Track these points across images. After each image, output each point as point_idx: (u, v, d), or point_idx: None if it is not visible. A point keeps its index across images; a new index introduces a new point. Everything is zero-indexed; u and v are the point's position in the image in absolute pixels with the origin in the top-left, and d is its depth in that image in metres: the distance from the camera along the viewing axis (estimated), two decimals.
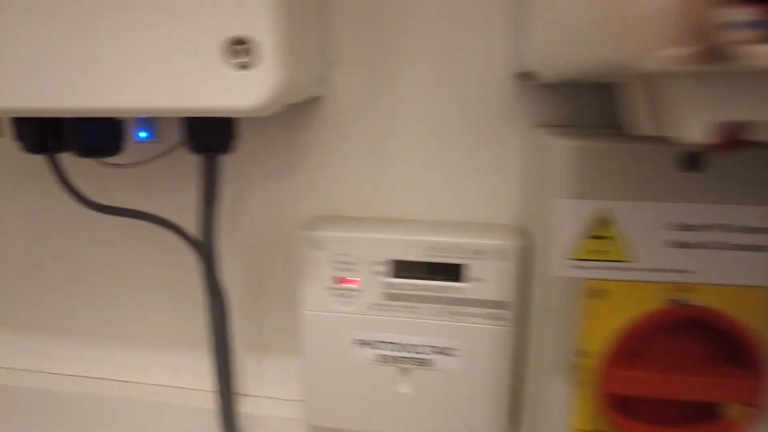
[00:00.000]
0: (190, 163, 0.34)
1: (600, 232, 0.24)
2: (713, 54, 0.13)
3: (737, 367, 0.23)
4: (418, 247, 0.32)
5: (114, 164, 0.32)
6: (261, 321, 0.39)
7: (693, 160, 0.23)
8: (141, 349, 0.41)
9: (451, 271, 0.32)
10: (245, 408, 0.39)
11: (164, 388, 0.41)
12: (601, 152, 0.23)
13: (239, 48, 0.22)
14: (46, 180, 0.36)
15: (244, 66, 0.22)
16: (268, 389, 0.40)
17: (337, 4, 0.32)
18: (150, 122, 0.32)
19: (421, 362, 0.33)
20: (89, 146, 0.29)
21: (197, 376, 0.41)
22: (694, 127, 0.15)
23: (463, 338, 0.32)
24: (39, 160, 0.30)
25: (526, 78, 0.31)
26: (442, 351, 0.33)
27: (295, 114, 0.34)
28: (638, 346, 0.24)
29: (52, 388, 0.42)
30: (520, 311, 0.32)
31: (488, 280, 0.31)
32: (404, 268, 0.32)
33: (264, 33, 0.22)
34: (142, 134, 0.32)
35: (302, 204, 0.36)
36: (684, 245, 0.23)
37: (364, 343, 0.33)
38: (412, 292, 0.32)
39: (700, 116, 0.15)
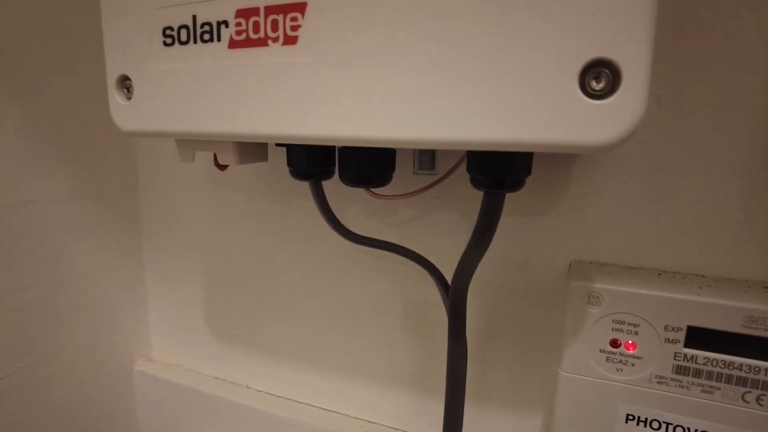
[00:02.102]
0: (467, 199, 0.32)
1: None
2: None
3: None
4: (731, 314, 0.26)
5: (384, 195, 0.31)
6: (492, 369, 0.35)
7: None
8: (371, 386, 0.39)
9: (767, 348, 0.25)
10: None
11: (372, 424, 0.39)
12: None
13: (597, 73, 0.19)
14: (284, 201, 0.36)
15: (599, 95, 0.19)
16: None
17: None
18: (433, 153, 0.29)
19: None
20: (362, 175, 0.27)
21: (406, 416, 0.38)
22: None
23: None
24: (298, 185, 0.29)
25: None
26: None
27: None
28: None
29: (255, 405, 0.42)
30: None
31: None
32: (706, 338, 0.26)
33: (630, 56, 0.18)
34: (427, 167, 0.30)
35: (558, 245, 0.32)
36: None
37: (639, 421, 0.28)
38: (712, 368, 0.26)
39: None
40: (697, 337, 0.26)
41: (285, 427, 0.40)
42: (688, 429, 0.27)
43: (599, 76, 0.19)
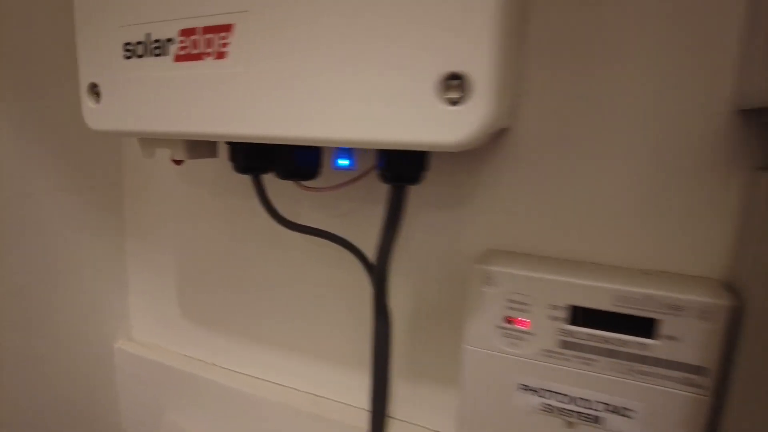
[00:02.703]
0: (380, 190, 0.36)
1: None
2: None
3: None
4: (605, 294, 0.29)
5: (310, 187, 0.35)
6: (422, 348, 0.39)
7: None
8: (307, 359, 0.44)
9: (640, 326, 0.29)
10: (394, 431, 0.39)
11: (322, 399, 0.43)
12: None
13: (453, 83, 0.23)
14: (248, 197, 0.41)
15: (455, 102, 0.23)
16: (419, 417, 0.40)
17: (535, 32, 0.32)
18: (350, 151, 0.34)
19: (591, 419, 0.31)
20: (293, 169, 0.31)
21: (355, 393, 0.42)
22: None
23: (643, 400, 0.29)
24: (243, 179, 0.33)
25: (752, 115, 0.27)
26: (617, 410, 0.30)
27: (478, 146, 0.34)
28: None
29: (220, 380, 0.46)
30: (719, 380, 0.28)
31: (685, 340, 0.28)
32: (585, 316, 0.30)
33: (478, 69, 0.22)
34: (343, 162, 0.34)
35: (476, 236, 0.35)
36: None
37: (529, 390, 0.32)
38: (590, 342, 0.30)
39: None
40: (579, 315, 0.30)
41: (248, 401, 0.45)
42: (572, 397, 0.31)
43: (454, 87, 0.23)
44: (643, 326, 0.29)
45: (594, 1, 0.30)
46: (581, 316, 0.30)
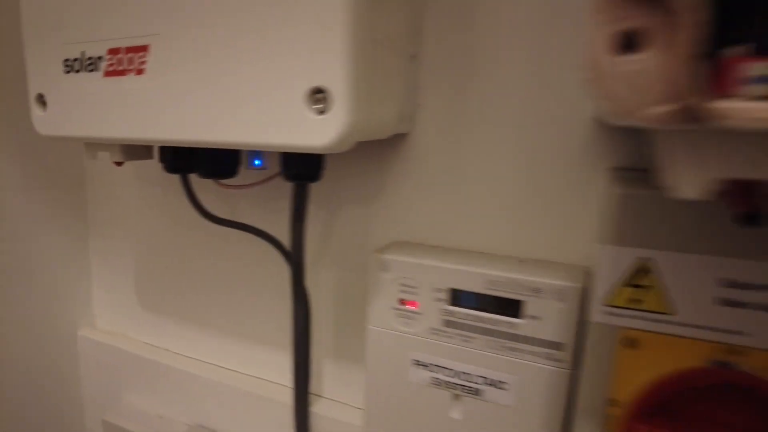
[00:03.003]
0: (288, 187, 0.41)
1: (638, 281, 0.24)
2: (690, 113, 0.14)
3: None
4: (478, 278, 0.33)
5: (230, 185, 0.39)
6: (341, 330, 0.43)
7: (754, 214, 0.22)
8: (242, 341, 0.48)
9: (508, 306, 0.33)
10: (318, 408, 0.43)
11: (255, 378, 0.47)
12: (645, 200, 0.23)
13: (319, 96, 0.27)
14: (179, 194, 0.45)
15: (321, 111, 0.27)
16: (340, 394, 0.44)
17: (427, 52, 0.36)
18: (260, 153, 0.38)
19: (472, 391, 0.34)
20: (212, 169, 0.36)
21: (285, 372, 0.46)
22: (688, 183, 0.16)
23: (514, 373, 0.33)
24: (174, 178, 0.38)
25: (604, 122, 0.32)
26: (493, 383, 0.34)
27: (384, 148, 0.38)
28: (673, 405, 0.23)
29: (170, 364, 0.50)
30: (575, 354, 0.32)
31: (545, 318, 0.32)
32: (463, 298, 0.34)
33: (336, 84, 0.26)
34: (257, 162, 0.39)
35: (386, 229, 0.40)
36: (735, 304, 0.23)
37: (421, 365, 0.36)
38: (468, 321, 0.34)
39: (694, 173, 0.16)
40: (459, 297, 0.34)
41: (193, 382, 0.49)
42: (456, 371, 0.35)
43: (320, 99, 0.27)
44: (512, 307, 0.33)
45: (476, 24, 0.34)
46: (460, 298, 0.34)
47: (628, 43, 0.14)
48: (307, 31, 0.26)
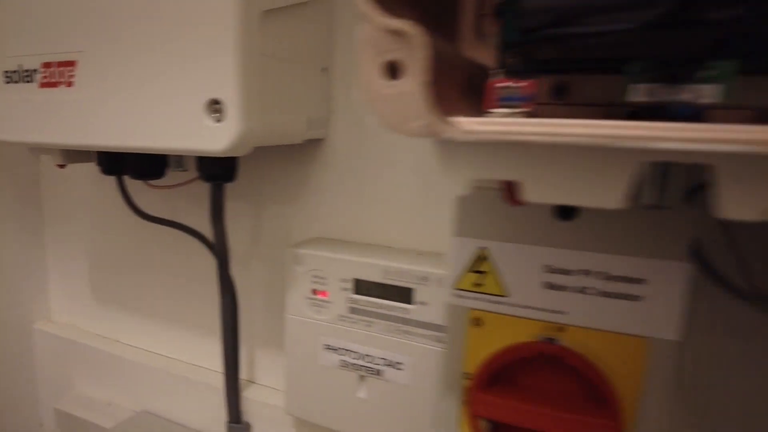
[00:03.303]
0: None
1: (479, 267, 0.27)
2: (430, 128, 0.18)
3: (597, 408, 0.25)
4: (376, 269, 0.37)
5: (159, 186, 0.43)
6: (270, 320, 0.47)
7: (566, 209, 0.26)
8: (182, 331, 0.51)
9: (402, 294, 0.37)
10: (249, 392, 0.47)
11: (192, 366, 0.51)
12: (479, 198, 0.27)
13: (216, 106, 0.31)
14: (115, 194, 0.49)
15: (218, 120, 0.31)
16: (271, 379, 0.48)
17: (339, 65, 0.40)
18: (182, 157, 0.42)
19: (375, 372, 0.38)
20: (140, 171, 0.39)
21: (217, 359, 0.50)
22: (455, 182, 0.19)
23: (409, 355, 0.37)
24: (112, 180, 0.41)
25: None
26: (392, 364, 0.37)
27: (303, 152, 0.42)
28: (511, 375, 0.27)
29: (119, 354, 0.54)
30: None
31: (431, 304, 0.36)
32: (365, 287, 0.38)
33: (229, 96, 0.30)
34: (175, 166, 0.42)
35: (308, 225, 0.43)
36: (557, 287, 0.26)
37: (331, 349, 0.39)
38: (369, 308, 0.38)
39: (456, 174, 0.19)
40: (363, 287, 0.38)
41: (137, 370, 0.52)
42: (361, 354, 0.38)
43: (217, 109, 0.31)
44: (405, 294, 0.36)
45: None
46: (362, 287, 0.38)
47: (392, 71, 0.18)
48: (204, 50, 0.30)
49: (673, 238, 0.24)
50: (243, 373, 0.49)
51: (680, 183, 0.19)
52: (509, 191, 0.19)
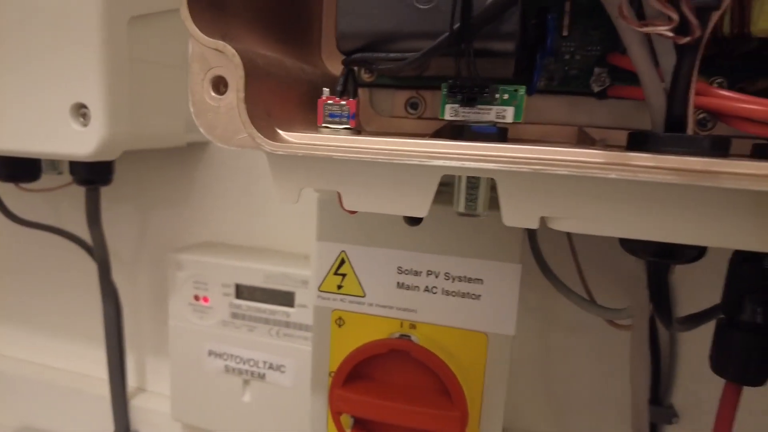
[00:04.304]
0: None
1: (341, 270, 0.29)
2: (252, 141, 0.19)
3: (445, 400, 0.27)
4: (258, 274, 0.38)
5: (33, 189, 0.41)
6: (159, 326, 0.46)
7: (413, 217, 0.28)
8: (62, 339, 0.49)
9: (284, 298, 0.37)
10: (138, 400, 0.46)
11: (77, 375, 0.49)
12: (336, 204, 0.29)
13: (82, 111, 0.30)
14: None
15: (84, 124, 0.30)
16: (158, 385, 0.47)
17: None
18: (56, 162, 0.41)
19: (259, 376, 0.39)
20: (11, 174, 0.38)
21: (101, 367, 0.48)
22: (283, 191, 0.21)
23: (291, 357, 0.38)
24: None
25: None
26: (274, 367, 0.38)
27: (187, 155, 0.42)
28: (370, 372, 0.29)
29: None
30: None
31: (311, 306, 0.37)
32: (246, 292, 0.38)
33: (94, 100, 0.30)
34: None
35: (197, 229, 0.43)
36: (408, 287, 0.28)
37: (215, 354, 0.40)
38: (251, 313, 0.38)
39: (283, 184, 0.20)
40: (243, 291, 0.38)
41: (16, 382, 0.50)
42: (244, 359, 0.39)
43: (83, 114, 0.30)
44: (286, 298, 0.37)
45: None
46: (244, 292, 0.38)
47: (217, 87, 0.19)
48: (70, 55, 0.30)
49: (507, 241, 0.27)
50: (132, 381, 0.48)
51: (487, 193, 0.21)
52: (340, 200, 0.21)
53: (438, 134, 0.23)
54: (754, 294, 0.21)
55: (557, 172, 0.15)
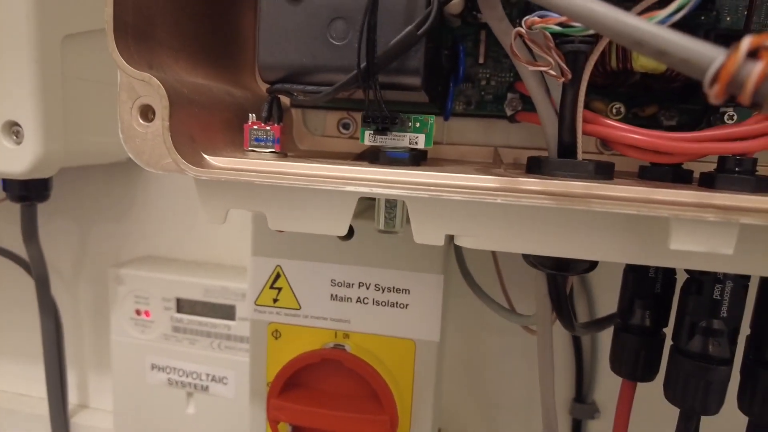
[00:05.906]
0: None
1: (276, 284, 0.30)
2: (176, 166, 0.20)
3: (376, 405, 0.29)
4: (198, 288, 0.38)
5: None
6: (100, 341, 0.45)
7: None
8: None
9: (224, 311, 0.38)
10: (79, 418, 0.45)
11: (13, 395, 0.48)
12: None
13: (15, 129, 0.30)
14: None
15: (18, 142, 0.30)
16: (101, 401, 0.46)
17: None
18: None
19: (202, 388, 0.39)
20: None
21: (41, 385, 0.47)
22: (212, 212, 0.21)
23: (233, 369, 0.38)
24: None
25: None
26: (217, 379, 0.39)
27: (129, 170, 0.42)
28: (306, 381, 0.30)
29: None
30: None
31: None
32: (187, 306, 0.39)
33: (27, 118, 0.30)
34: None
35: (136, 244, 0.43)
36: (341, 299, 0.30)
37: (157, 368, 0.40)
38: (193, 327, 0.39)
39: (213, 205, 0.21)
40: (184, 305, 0.39)
41: None
42: (187, 372, 0.39)
43: (16, 131, 0.30)
44: (227, 311, 0.38)
45: None
46: (185, 306, 0.39)
47: (145, 114, 0.20)
48: (3, 74, 0.30)
49: (431, 254, 0.28)
50: (74, 398, 0.47)
51: (405, 212, 0.23)
52: None
53: (361, 156, 0.25)
54: (643, 300, 0.24)
55: (452, 197, 0.17)
